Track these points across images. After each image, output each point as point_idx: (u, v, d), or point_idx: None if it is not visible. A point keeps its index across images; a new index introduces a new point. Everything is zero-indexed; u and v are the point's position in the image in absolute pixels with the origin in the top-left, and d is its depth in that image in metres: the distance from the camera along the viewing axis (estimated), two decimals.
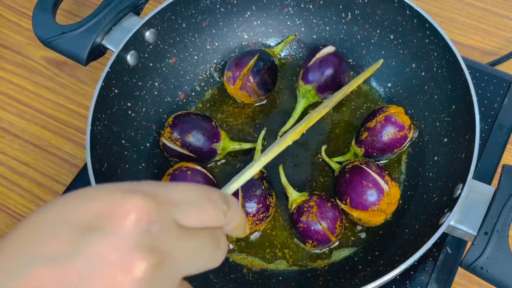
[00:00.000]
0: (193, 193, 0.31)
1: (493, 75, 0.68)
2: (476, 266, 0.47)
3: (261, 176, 0.57)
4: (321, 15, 0.67)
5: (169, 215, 0.29)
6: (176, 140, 0.59)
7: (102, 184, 0.31)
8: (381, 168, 0.56)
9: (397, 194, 0.56)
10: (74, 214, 0.28)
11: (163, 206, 0.29)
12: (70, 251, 0.27)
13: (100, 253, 0.27)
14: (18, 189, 0.68)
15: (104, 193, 0.29)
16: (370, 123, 0.59)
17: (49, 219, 0.29)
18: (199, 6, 0.65)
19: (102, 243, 0.27)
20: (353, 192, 0.55)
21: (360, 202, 0.54)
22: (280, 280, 0.56)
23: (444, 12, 0.78)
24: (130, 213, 0.28)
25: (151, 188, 0.30)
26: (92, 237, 0.27)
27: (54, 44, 0.61)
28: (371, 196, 0.54)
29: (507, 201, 0.48)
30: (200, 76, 0.68)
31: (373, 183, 0.54)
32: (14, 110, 0.73)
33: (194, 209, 0.31)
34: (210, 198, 0.32)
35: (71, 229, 0.28)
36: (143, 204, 0.29)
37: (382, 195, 0.54)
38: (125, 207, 0.28)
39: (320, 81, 0.63)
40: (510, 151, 0.67)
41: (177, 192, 0.31)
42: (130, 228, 0.28)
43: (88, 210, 0.28)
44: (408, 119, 0.59)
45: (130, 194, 0.29)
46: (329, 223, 0.54)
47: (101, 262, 0.27)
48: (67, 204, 0.29)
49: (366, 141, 0.59)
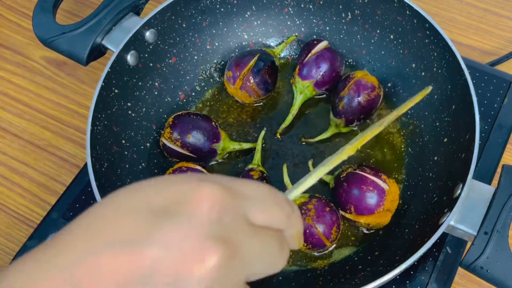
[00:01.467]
0: (262, 191, 0.31)
1: (493, 75, 0.68)
2: (476, 266, 0.47)
3: (261, 176, 0.57)
4: (321, 15, 0.67)
5: (240, 208, 0.29)
6: (176, 140, 0.59)
7: (175, 174, 0.30)
8: (375, 169, 0.56)
9: (397, 190, 0.56)
10: (150, 200, 0.28)
11: (236, 198, 0.29)
12: (143, 236, 0.27)
13: (173, 239, 0.26)
14: (18, 189, 0.68)
15: (179, 180, 0.29)
16: (342, 93, 0.61)
17: (123, 204, 0.28)
18: (199, 6, 0.65)
19: (177, 229, 0.27)
20: (356, 200, 0.55)
21: (365, 207, 0.54)
22: (280, 280, 0.56)
23: (444, 12, 0.78)
24: (205, 200, 0.28)
25: (224, 180, 0.30)
26: (167, 223, 0.27)
27: (54, 44, 0.61)
28: (374, 199, 0.54)
29: (507, 201, 0.48)
30: (200, 76, 0.68)
31: (372, 185, 0.54)
32: (14, 110, 0.73)
33: (263, 207, 0.30)
34: (277, 198, 0.31)
35: (146, 214, 0.27)
36: (218, 193, 0.28)
37: (384, 195, 0.54)
38: (201, 194, 0.28)
39: (318, 77, 0.63)
40: (510, 151, 0.67)
41: (248, 187, 0.30)
42: (204, 215, 0.27)
43: (164, 196, 0.28)
44: (375, 79, 0.61)
45: (205, 183, 0.28)
46: (325, 228, 0.54)
47: (175, 248, 0.26)
48: (143, 190, 0.29)
49: (344, 110, 0.61)
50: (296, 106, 0.64)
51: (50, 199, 0.67)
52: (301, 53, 0.65)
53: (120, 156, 0.59)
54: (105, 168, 0.56)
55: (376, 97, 0.61)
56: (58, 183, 0.68)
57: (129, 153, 0.60)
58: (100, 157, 0.55)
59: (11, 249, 0.64)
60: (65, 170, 0.69)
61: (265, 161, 0.62)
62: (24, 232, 0.65)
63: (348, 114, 0.61)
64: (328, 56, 0.63)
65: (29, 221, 0.66)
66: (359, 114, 0.61)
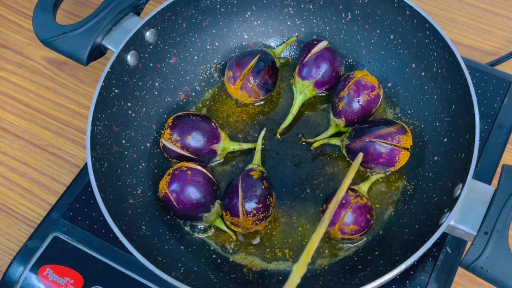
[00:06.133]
0: None
1: (493, 75, 0.68)
2: (476, 266, 0.47)
3: (261, 176, 0.57)
4: (321, 15, 0.67)
5: None
6: (176, 141, 0.59)
7: None
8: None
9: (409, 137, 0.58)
10: None
11: None
12: None
13: None
14: (18, 189, 0.68)
15: None
16: (342, 93, 0.61)
17: None
18: (199, 6, 0.65)
19: None
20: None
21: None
22: (280, 280, 0.56)
23: (444, 12, 0.78)
24: None
25: None
26: None
27: (55, 44, 0.61)
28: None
29: (507, 201, 0.48)
30: (200, 76, 0.68)
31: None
32: (14, 110, 0.73)
33: None
34: None
35: None
36: None
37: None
38: None
39: (317, 76, 0.63)
40: (510, 151, 0.67)
41: None
42: None
43: None
44: (375, 79, 0.61)
45: None
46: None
47: None
48: None
49: (344, 110, 0.61)
50: (296, 106, 0.64)
51: (50, 199, 0.67)
52: (301, 53, 0.65)
53: (120, 156, 0.59)
54: (105, 168, 0.56)
55: (376, 97, 0.61)
56: (58, 183, 0.68)
57: (129, 153, 0.60)
58: (100, 157, 0.55)
59: (11, 249, 0.64)
60: (65, 170, 0.69)
61: (265, 161, 0.63)
62: (24, 232, 0.65)
63: (348, 114, 0.61)
64: (328, 56, 0.63)
65: (29, 221, 0.66)
66: (359, 114, 0.61)
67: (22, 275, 0.57)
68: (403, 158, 0.58)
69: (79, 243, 0.59)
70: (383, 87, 0.65)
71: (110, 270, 0.57)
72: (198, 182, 0.56)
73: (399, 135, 0.57)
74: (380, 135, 0.57)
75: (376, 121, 0.59)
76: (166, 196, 0.56)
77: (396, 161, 0.57)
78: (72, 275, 0.57)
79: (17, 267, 0.58)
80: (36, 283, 0.57)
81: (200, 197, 0.56)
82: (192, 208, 0.56)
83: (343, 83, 0.62)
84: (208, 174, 0.58)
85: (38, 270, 0.57)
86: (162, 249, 0.56)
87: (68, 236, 0.59)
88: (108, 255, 0.58)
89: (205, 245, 0.58)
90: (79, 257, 0.58)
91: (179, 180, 0.56)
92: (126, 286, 0.57)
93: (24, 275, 0.57)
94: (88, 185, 0.62)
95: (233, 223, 0.56)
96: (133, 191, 0.58)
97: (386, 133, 0.57)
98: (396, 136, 0.57)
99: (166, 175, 0.57)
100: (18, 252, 0.59)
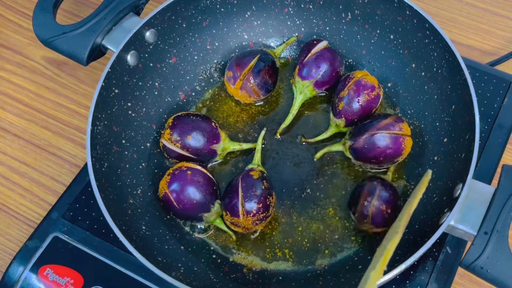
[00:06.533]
0: None
1: (493, 75, 0.68)
2: (476, 266, 0.47)
3: (261, 176, 0.57)
4: (321, 15, 0.67)
5: None
6: (176, 141, 0.59)
7: None
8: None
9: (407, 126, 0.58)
10: None
11: None
12: None
13: None
14: (18, 189, 0.68)
15: None
16: (342, 93, 0.61)
17: None
18: (199, 6, 0.65)
19: None
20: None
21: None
22: (280, 280, 0.56)
23: (444, 12, 0.78)
24: None
25: None
26: None
27: (55, 44, 0.61)
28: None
29: (507, 201, 0.48)
30: (200, 76, 0.68)
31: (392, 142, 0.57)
32: (14, 110, 0.73)
33: None
34: None
35: None
36: None
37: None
38: None
39: (317, 76, 0.63)
40: (510, 151, 0.67)
41: None
42: None
43: None
44: (375, 79, 0.61)
45: None
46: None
47: None
48: None
49: (344, 110, 0.61)
50: (296, 106, 0.64)
51: (50, 199, 0.67)
52: (301, 53, 0.65)
53: (120, 156, 0.59)
54: (105, 168, 0.56)
55: (376, 97, 0.61)
56: (58, 183, 0.68)
57: (129, 153, 0.60)
58: (100, 157, 0.55)
59: (11, 249, 0.64)
60: (65, 170, 0.69)
61: (265, 161, 0.63)
62: (24, 232, 0.65)
63: (348, 114, 0.61)
64: (328, 56, 0.63)
65: (29, 221, 0.66)
66: (359, 114, 0.61)
67: (22, 275, 0.57)
68: (408, 145, 0.58)
69: (79, 243, 0.59)
70: (383, 87, 0.65)
71: (110, 270, 0.57)
72: (198, 182, 0.56)
73: (399, 123, 0.58)
74: (382, 127, 0.57)
75: (373, 116, 0.60)
76: (166, 196, 0.56)
77: (402, 149, 0.58)
78: (72, 275, 0.57)
79: (17, 267, 0.58)
80: (36, 283, 0.57)
81: (200, 197, 0.56)
82: (192, 208, 0.56)
83: (343, 83, 0.62)
84: (208, 174, 0.58)
85: (38, 270, 0.57)
86: (162, 249, 0.56)
87: (68, 236, 0.59)
88: (108, 255, 0.58)
89: (205, 245, 0.58)
90: (79, 257, 0.58)
91: (179, 180, 0.56)
92: (126, 286, 0.57)
93: (24, 275, 0.57)
94: (88, 185, 0.62)
95: (233, 223, 0.56)
96: (133, 191, 0.58)
97: (387, 124, 0.57)
98: (396, 125, 0.57)
99: (166, 175, 0.57)
100: (18, 252, 0.59)
